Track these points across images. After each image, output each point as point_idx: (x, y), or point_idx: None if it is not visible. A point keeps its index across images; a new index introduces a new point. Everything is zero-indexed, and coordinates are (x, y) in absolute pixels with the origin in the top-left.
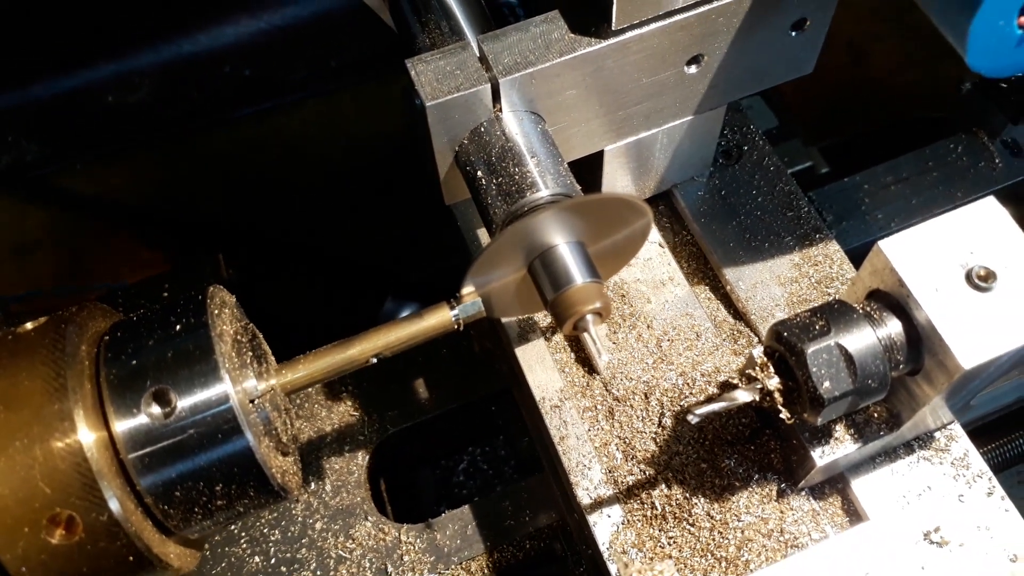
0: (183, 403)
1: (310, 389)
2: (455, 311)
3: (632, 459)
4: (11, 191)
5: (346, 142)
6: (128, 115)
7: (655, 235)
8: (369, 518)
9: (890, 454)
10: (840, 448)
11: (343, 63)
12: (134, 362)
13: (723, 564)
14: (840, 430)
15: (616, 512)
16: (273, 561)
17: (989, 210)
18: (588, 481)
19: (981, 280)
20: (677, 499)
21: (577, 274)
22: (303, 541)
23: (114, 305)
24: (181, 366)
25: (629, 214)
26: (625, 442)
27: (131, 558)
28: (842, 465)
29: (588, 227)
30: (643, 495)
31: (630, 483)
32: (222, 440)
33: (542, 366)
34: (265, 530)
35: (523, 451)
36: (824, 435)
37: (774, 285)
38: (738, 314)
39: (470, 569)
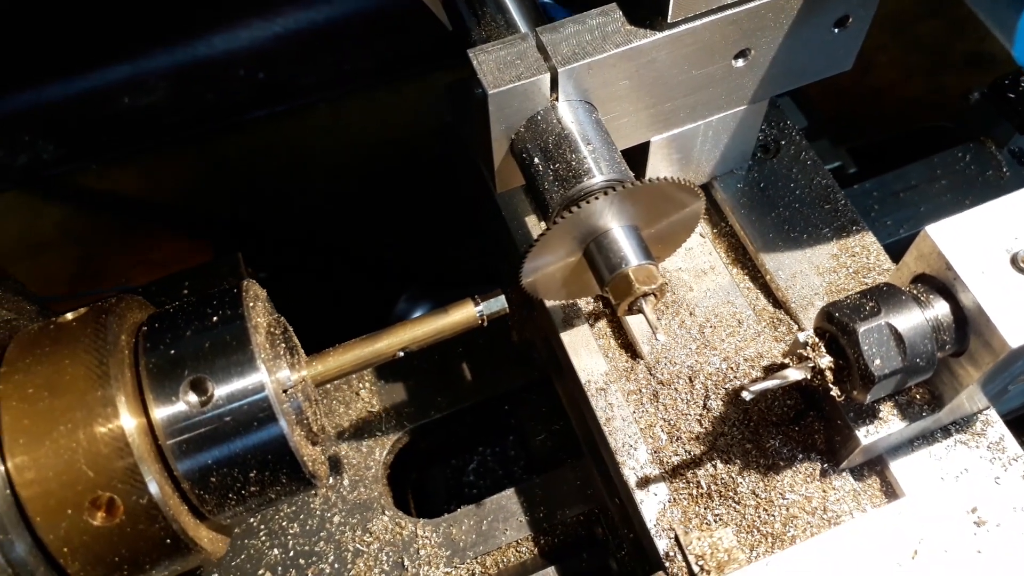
0: (220, 391)
1: (328, 384)
2: (479, 307)
3: (677, 440)
4: (27, 190)
5: (357, 146)
6: (143, 117)
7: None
8: (386, 512)
9: (928, 438)
10: (884, 428)
11: (355, 69)
12: (172, 352)
13: (769, 539)
14: (884, 410)
15: (662, 490)
16: (291, 554)
17: None
18: (634, 461)
19: None
20: (723, 478)
21: (632, 256)
22: (321, 534)
23: None
24: (218, 356)
25: (682, 199)
26: (670, 424)
27: (168, 541)
28: (882, 447)
29: (642, 211)
30: (688, 474)
31: (675, 463)
32: (257, 427)
33: (587, 350)
34: (284, 523)
35: (536, 450)
36: (868, 415)
37: (813, 275)
38: (777, 303)
39: (485, 564)
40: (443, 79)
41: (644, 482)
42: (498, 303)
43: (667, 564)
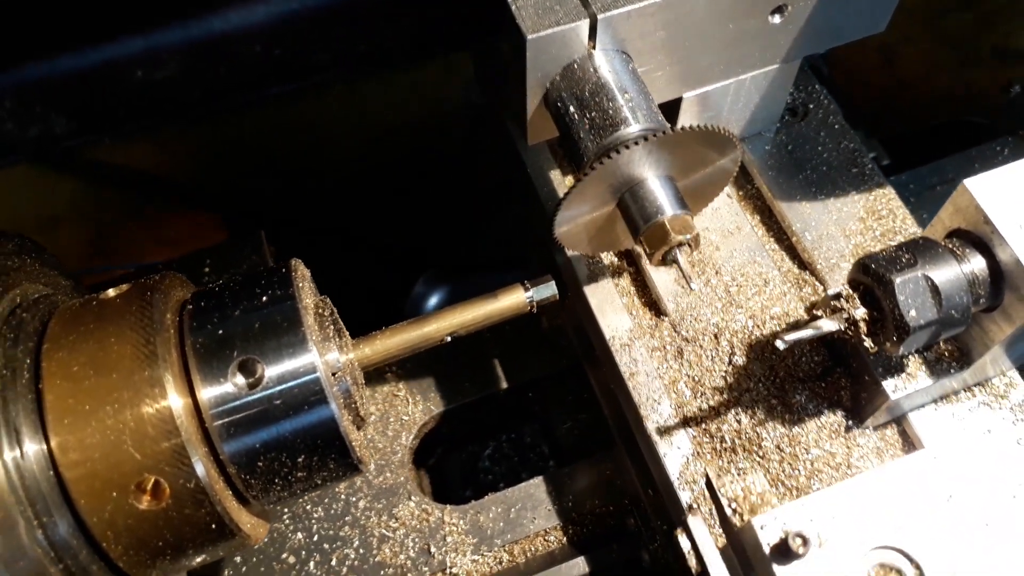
0: (270, 373)
1: None
2: (529, 293)
3: (701, 396)
4: (40, 164)
5: (375, 127)
6: (157, 92)
7: None
8: (413, 498)
9: (951, 398)
10: (911, 383)
11: (373, 49)
12: (220, 331)
13: (794, 492)
14: (912, 366)
15: (685, 444)
16: (316, 538)
17: None
18: (657, 415)
19: None
20: (747, 433)
21: (668, 206)
22: (346, 519)
23: None
24: (268, 336)
25: (720, 146)
26: (694, 380)
27: (213, 526)
28: (907, 405)
29: (678, 162)
30: (712, 428)
31: (699, 418)
32: (308, 411)
33: (612, 308)
34: (308, 507)
35: (563, 438)
36: (896, 370)
37: (840, 237)
38: (803, 264)
39: (513, 552)
40: (465, 62)
41: (667, 436)
42: (548, 289)
43: (689, 516)
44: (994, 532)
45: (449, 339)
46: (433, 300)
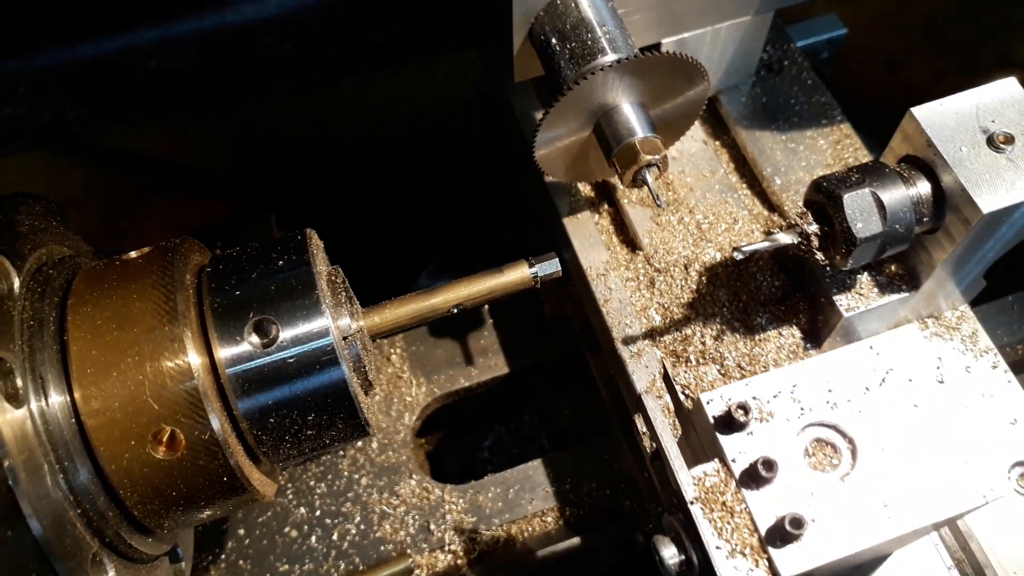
0: (285, 334)
1: None
2: (534, 269)
3: (670, 320)
4: (52, 149)
5: (384, 120)
6: (169, 81)
7: (700, 133)
8: (414, 476)
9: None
10: (863, 302)
11: (384, 42)
12: (237, 293)
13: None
14: (864, 287)
15: (653, 363)
16: (318, 513)
17: (1009, 87)
18: (628, 338)
19: (1002, 143)
20: (711, 353)
21: (639, 128)
22: (348, 495)
23: None
24: (284, 299)
25: (687, 76)
26: (664, 307)
27: (225, 478)
28: (860, 329)
29: (649, 88)
30: (679, 349)
31: (667, 340)
32: (320, 371)
33: (590, 243)
34: (311, 483)
35: (564, 422)
36: (849, 289)
37: (807, 182)
38: (772, 207)
39: (510, 532)
40: (473, 58)
41: (637, 357)
42: (552, 266)
43: (644, 395)
44: (921, 413)
45: (455, 311)
46: None
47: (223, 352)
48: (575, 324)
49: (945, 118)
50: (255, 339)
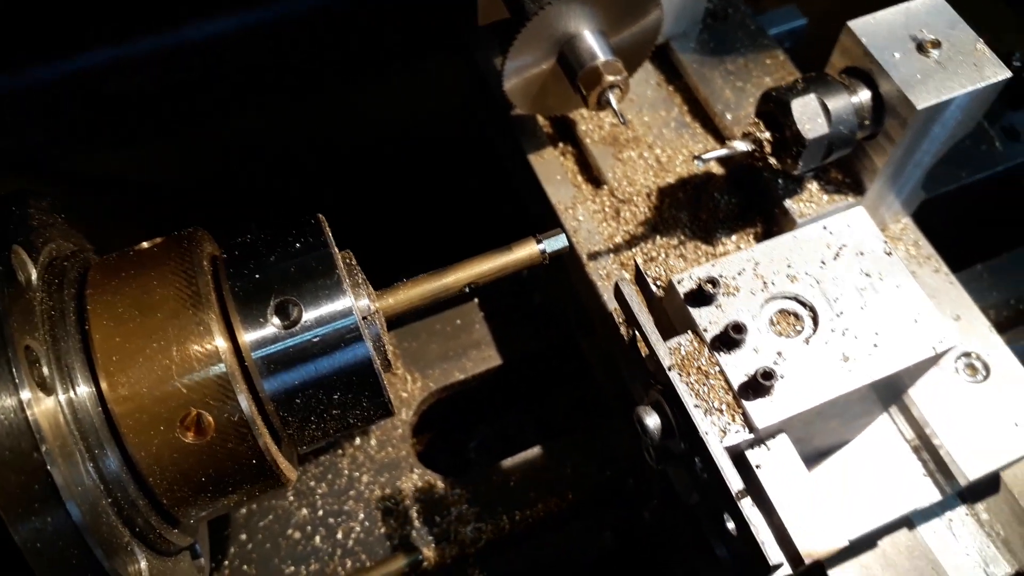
0: (308, 315)
1: None
2: (542, 245)
3: (635, 245)
4: (13, 174)
5: (362, 131)
6: (134, 101)
7: (654, 78)
8: (415, 471)
9: None
10: (814, 209)
11: (359, 53)
12: (257, 276)
13: None
14: (814, 195)
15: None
16: (321, 513)
17: (934, 1)
18: (597, 263)
19: (930, 48)
20: (676, 270)
21: (600, 53)
22: (350, 493)
23: None
24: (305, 280)
25: (642, 4)
26: (630, 233)
27: (254, 461)
28: None
29: (608, 17)
30: (650, 268)
31: (634, 264)
32: (344, 349)
33: (558, 181)
34: (312, 483)
35: (558, 409)
36: (800, 197)
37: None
38: (724, 140)
39: (515, 520)
40: (451, 64)
41: (606, 280)
42: (559, 241)
43: (620, 283)
44: (873, 280)
45: (468, 289)
46: None
47: (247, 335)
48: (568, 310)
49: (879, 28)
50: (278, 321)
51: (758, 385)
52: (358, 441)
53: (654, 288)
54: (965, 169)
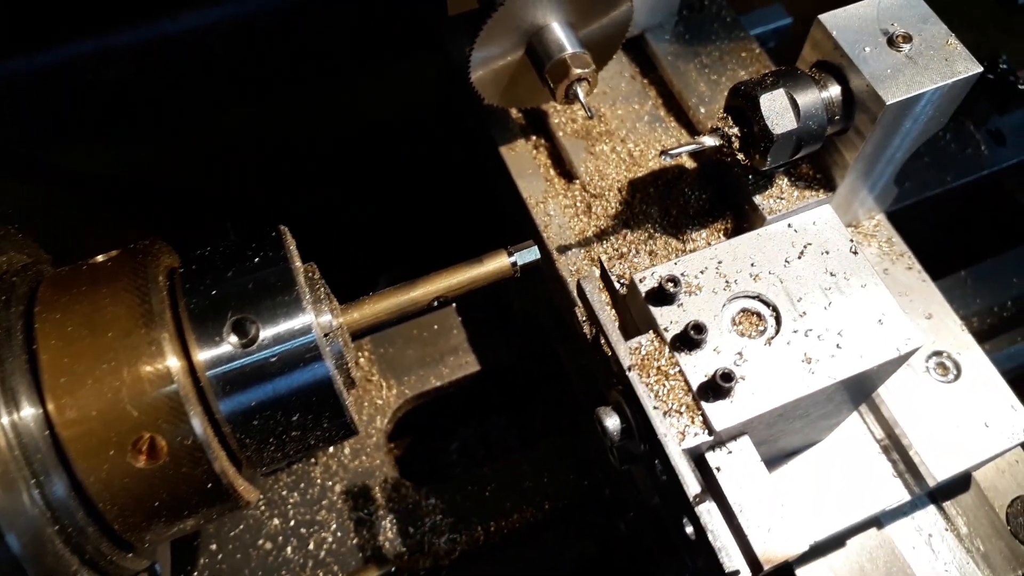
0: (266, 332)
1: None
2: (513, 257)
3: (606, 241)
4: None
5: (338, 127)
6: (111, 94)
7: (628, 70)
8: (389, 480)
9: None
10: (784, 205)
11: (324, 50)
12: (214, 292)
13: None
14: (784, 190)
15: (594, 280)
16: (292, 523)
17: None
18: (567, 258)
19: (901, 42)
20: (641, 267)
21: (568, 45)
22: (323, 503)
23: None
24: (262, 297)
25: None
26: (600, 228)
27: (209, 485)
28: None
29: (577, 9)
30: (616, 266)
31: (605, 259)
32: (303, 369)
33: (530, 175)
34: (284, 492)
35: (536, 416)
36: (771, 194)
37: None
38: (698, 134)
39: (490, 530)
40: (428, 61)
41: (577, 276)
42: (531, 253)
43: (582, 280)
44: (838, 280)
45: (436, 303)
46: None
47: (202, 354)
48: (545, 318)
49: (849, 22)
50: (235, 339)
51: (717, 387)
52: (332, 449)
53: (618, 286)
54: (950, 173)
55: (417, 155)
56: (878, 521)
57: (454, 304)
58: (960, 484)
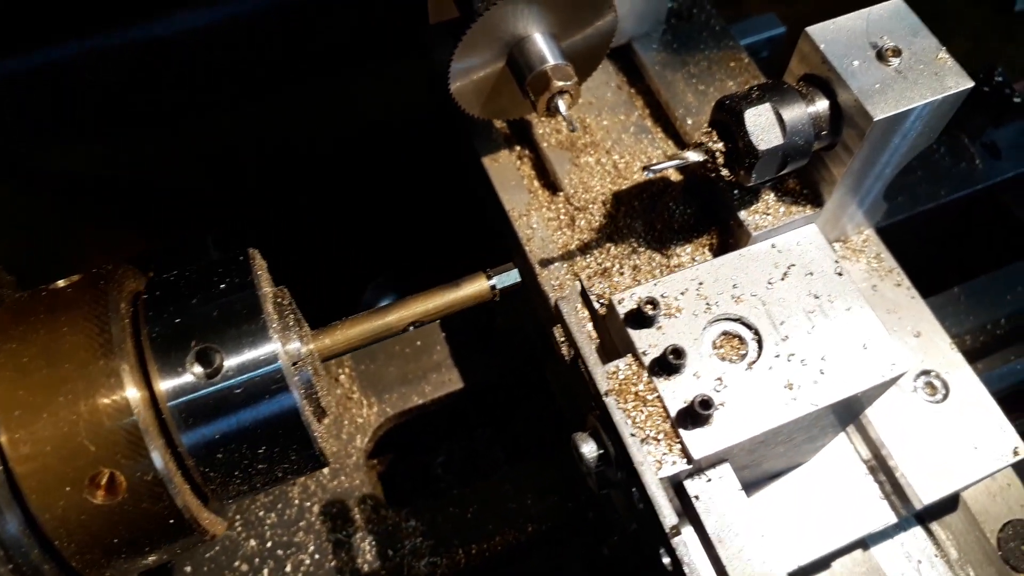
0: (230, 362)
1: None
2: (492, 280)
3: (590, 255)
4: None
5: (327, 132)
6: (101, 95)
7: (615, 80)
8: (368, 501)
9: None
10: (770, 221)
11: (319, 50)
12: (177, 320)
13: None
14: (771, 206)
15: (576, 297)
16: (269, 545)
17: (896, 5)
18: (549, 272)
19: (891, 56)
20: (628, 281)
21: (550, 56)
22: (300, 524)
23: None
24: (228, 325)
25: (595, 7)
26: (583, 242)
27: (171, 521)
28: None
29: (559, 20)
30: (597, 284)
31: (589, 273)
32: (269, 400)
33: (512, 186)
34: (260, 513)
35: (519, 433)
36: (757, 210)
37: None
38: (684, 146)
39: (471, 553)
40: (422, 66)
41: (559, 290)
42: (511, 277)
43: (560, 302)
44: (822, 302)
45: (412, 328)
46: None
47: (164, 384)
48: (531, 333)
49: (838, 35)
50: (198, 369)
51: (696, 414)
52: None
53: (597, 306)
54: (944, 187)
55: (417, 155)
56: (864, 543)
57: (438, 320)
58: (949, 505)
